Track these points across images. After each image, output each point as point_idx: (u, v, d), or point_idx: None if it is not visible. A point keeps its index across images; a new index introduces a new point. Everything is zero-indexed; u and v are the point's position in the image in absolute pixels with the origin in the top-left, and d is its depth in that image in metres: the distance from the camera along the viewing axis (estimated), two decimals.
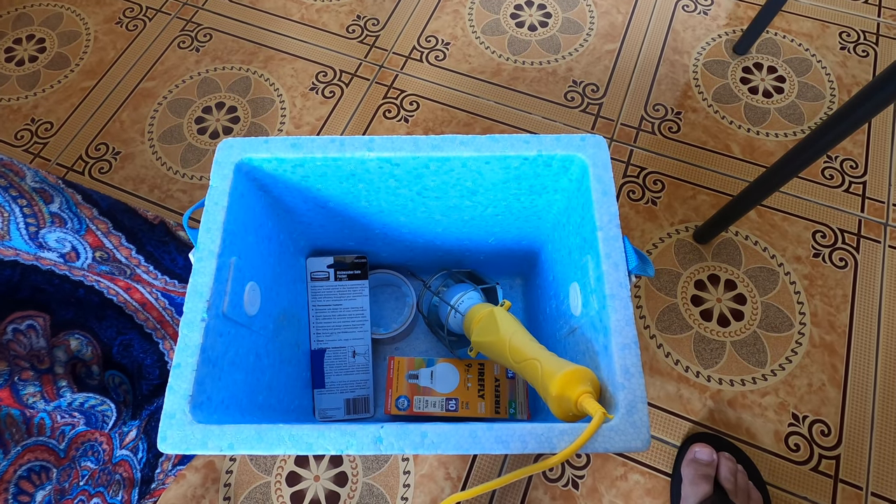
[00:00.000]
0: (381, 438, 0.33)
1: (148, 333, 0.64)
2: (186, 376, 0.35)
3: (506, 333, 0.45)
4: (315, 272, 0.61)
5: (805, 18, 0.89)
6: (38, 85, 0.89)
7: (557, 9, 0.93)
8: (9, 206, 0.38)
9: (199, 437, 0.33)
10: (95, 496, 0.62)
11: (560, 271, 0.50)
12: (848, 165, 0.77)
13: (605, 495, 0.61)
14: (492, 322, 0.47)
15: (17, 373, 0.46)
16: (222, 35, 0.92)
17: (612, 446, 0.33)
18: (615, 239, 0.39)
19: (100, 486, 0.62)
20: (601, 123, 0.82)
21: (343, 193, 0.48)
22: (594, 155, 0.41)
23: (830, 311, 0.69)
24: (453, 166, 0.43)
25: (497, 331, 0.46)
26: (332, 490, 0.62)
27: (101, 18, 0.95)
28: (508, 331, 0.45)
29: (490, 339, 0.47)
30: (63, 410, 0.55)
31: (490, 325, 0.47)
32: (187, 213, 0.41)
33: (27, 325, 0.50)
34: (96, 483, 0.62)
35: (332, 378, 0.62)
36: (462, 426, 0.34)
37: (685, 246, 0.73)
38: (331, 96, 0.86)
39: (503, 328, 0.46)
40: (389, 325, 0.66)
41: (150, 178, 0.80)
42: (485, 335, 0.48)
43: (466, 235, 0.57)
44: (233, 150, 0.42)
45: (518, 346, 0.42)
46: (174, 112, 0.86)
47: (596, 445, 0.33)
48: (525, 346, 0.42)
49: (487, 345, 0.47)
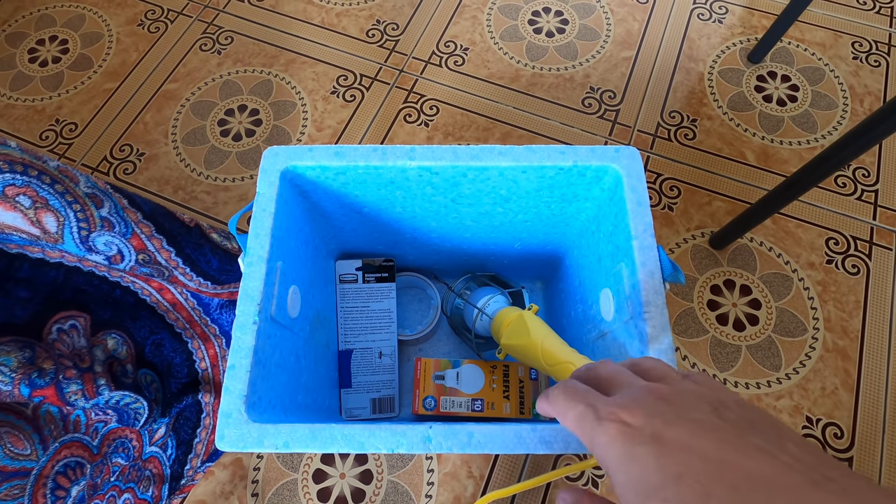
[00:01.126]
0: (430, 438, 0.35)
1: (178, 333, 0.65)
2: (241, 377, 0.36)
3: (537, 337, 0.46)
4: (344, 274, 0.62)
5: (818, 28, 0.91)
6: (61, 86, 0.90)
7: (574, 16, 0.94)
8: (64, 210, 0.40)
9: (256, 435, 0.35)
10: (126, 492, 0.63)
11: (587, 277, 0.52)
12: (860, 174, 0.79)
13: None
14: (522, 326, 0.49)
15: (62, 371, 0.48)
16: (244, 38, 0.93)
17: None
18: (650, 248, 0.40)
19: (130, 482, 0.64)
20: (618, 130, 0.84)
21: (379, 199, 0.49)
22: (628, 166, 0.43)
23: (843, 317, 0.70)
24: (490, 175, 0.45)
25: (528, 334, 0.47)
26: (358, 487, 0.64)
27: (123, 20, 0.96)
28: (539, 334, 0.46)
29: (521, 343, 0.48)
30: (99, 408, 0.57)
31: (520, 329, 0.49)
32: (234, 218, 0.42)
33: (70, 324, 0.51)
34: (127, 479, 0.64)
35: (359, 378, 0.63)
36: (507, 427, 0.35)
37: (701, 251, 0.75)
38: (352, 100, 0.87)
39: (534, 332, 0.47)
40: (415, 327, 0.67)
41: (174, 180, 0.82)
42: (515, 338, 0.49)
43: (493, 240, 0.58)
44: (278, 158, 0.43)
45: (550, 350, 0.44)
46: (197, 114, 0.87)
47: None
48: (558, 350, 0.43)
49: (518, 348, 0.48)
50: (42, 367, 0.46)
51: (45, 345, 0.48)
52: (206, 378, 0.69)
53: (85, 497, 0.61)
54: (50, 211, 0.39)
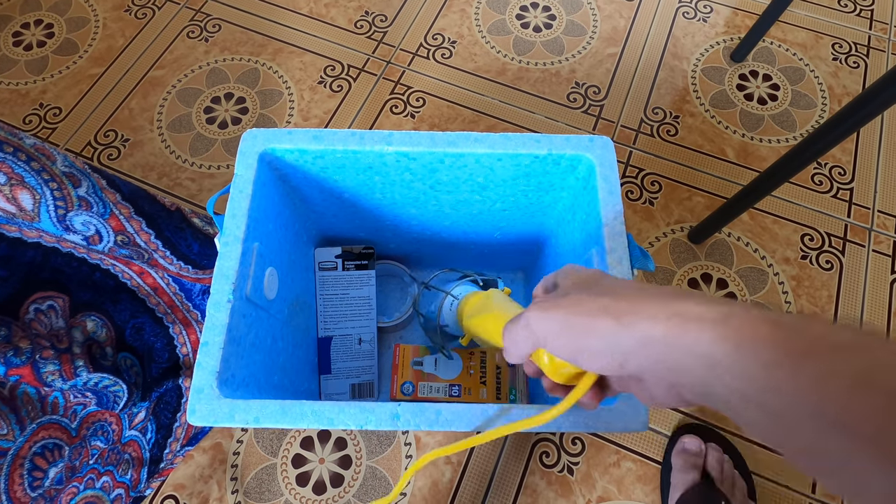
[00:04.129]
0: (398, 415, 0.36)
1: (159, 318, 0.66)
2: (214, 353, 0.37)
3: (500, 309, 0.42)
4: (323, 262, 0.63)
5: (800, 29, 0.93)
6: (46, 70, 0.89)
7: (562, 11, 0.95)
8: (41, 188, 0.40)
9: (227, 410, 0.35)
10: (105, 474, 0.64)
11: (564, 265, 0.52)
12: (836, 172, 0.81)
13: (598, 481, 0.64)
14: (487, 301, 0.45)
15: (39, 351, 0.48)
16: (231, 26, 0.93)
17: (614, 426, 0.36)
18: (620, 235, 0.41)
19: (109, 465, 0.64)
20: (602, 125, 0.85)
21: (359, 185, 0.50)
22: (601, 155, 0.44)
23: (816, 311, 0.72)
24: (467, 162, 0.45)
25: (490, 307, 0.43)
26: (337, 472, 0.64)
27: (110, 6, 0.95)
28: (503, 307, 0.42)
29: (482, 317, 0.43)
30: (77, 390, 0.57)
31: (485, 304, 0.45)
32: (211, 199, 0.43)
33: (48, 305, 0.52)
34: (106, 462, 0.64)
35: (339, 364, 0.64)
36: (475, 406, 0.36)
37: (680, 245, 0.76)
38: (338, 90, 0.88)
39: (497, 304, 0.43)
40: (392, 314, 0.68)
41: (158, 166, 0.82)
42: (478, 313, 0.45)
43: (473, 229, 0.59)
44: (257, 140, 0.44)
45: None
46: (183, 101, 0.87)
47: (599, 424, 0.36)
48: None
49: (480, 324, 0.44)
50: (18, 346, 0.46)
51: (21, 324, 0.48)
52: (187, 363, 0.69)
53: (63, 479, 0.61)
54: (26, 188, 0.39)
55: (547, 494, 0.63)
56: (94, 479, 0.63)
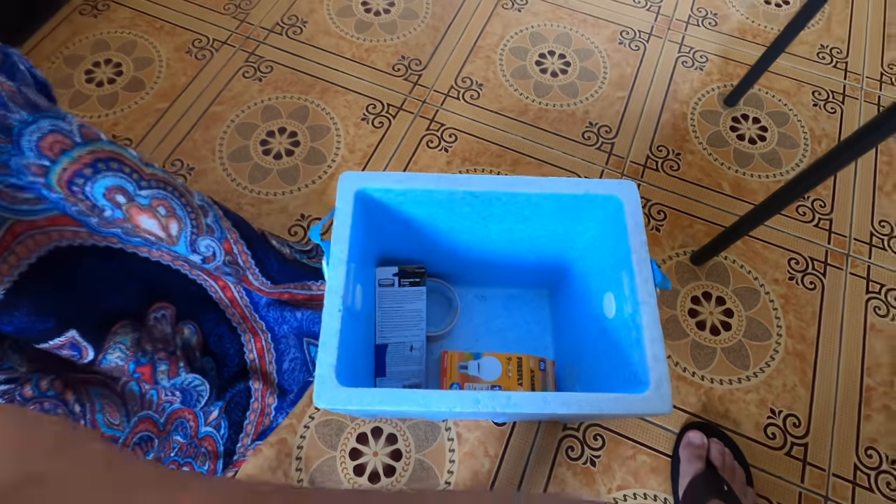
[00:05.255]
0: (478, 400, 0.45)
1: (234, 327, 0.75)
2: (332, 351, 0.47)
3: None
4: (382, 279, 0.73)
5: (784, 78, 1.06)
6: (116, 104, 0.99)
7: (576, 59, 1.07)
8: (185, 219, 0.49)
9: (345, 396, 0.45)
10: (185, 466, 0.72)
11: (592, 283, 0.63)
12: (818, 205, 0.93)
13: (617, 472, 0.73)
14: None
15: (157, 353, 0.57)
16: (282, 67, 1.04)
17: (645, 411, 0.46)
18: (645, 261, 0.52)
19: (188, 458, 0.72)
20: (613, 160, 0.96)
21: (426, 216, 0.60)
22: (628, 196, 0.55)
23: (802, 326, 0.83)
24: (519, 199, 0.56)
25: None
26: (389, 464, 0.73)
27: (172, 47, 1.06)
28: None
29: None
30: (174, 388, 0.66)
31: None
32: (316, 229, 0.53)
33: (161, 314, 0.61)
34: (185, 455, 0.73)
35: (392, 368, 0.74)
36: (536, 394, 0.46)
37: (683, 267, 0.87)
38: (380, 126, 0.99)
39: None
40: (438, 325, 0.78)
41: (221, 193, 0.92)
42: None
43: (511, 252, 0.70)
44: (352, 181, 0.54)
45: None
46: (241, 134, 0.97)
47: (633, 411, 0.46)
48: None
49: None
50: (144, 348, 0.55)
51: (146, 329, 0.57)
52: (253, 368, 0.78)
53: None
54: (176, 219, 0.49)
55: (573, 483, 0.73)
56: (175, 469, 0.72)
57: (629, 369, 0.51)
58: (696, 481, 0.68)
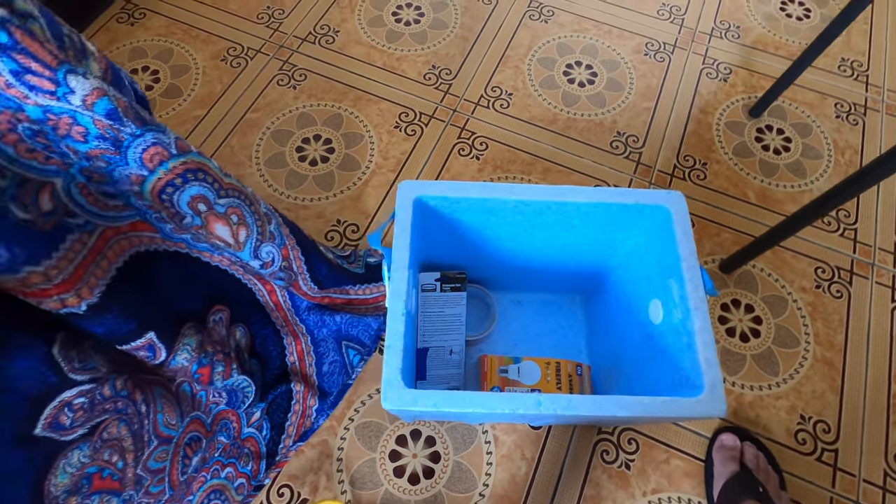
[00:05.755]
0: (540, 402, 0.47)
1: (278, 330, 0.77)
2: (397, 354, 0.48)
3: None
4: (425, 284, 0.75)
5: (807, 90, 1.08)
6: (154, 111, 1.01)
7: (603, 70, 1.10)
8: (253, 226, 0.51)
9: (411, 398, 0.47)
10: (228, 466, 0.74)
11: (634, 290, 0.65)
12: (842, 214, 0.94)
13: (651, 475, 0.75)
14: None
15: (216, 354, 0.59)
16: (316, 76, 1.07)
17: (701, 414, 0.48)
18: (695, 268, 0.53)
19: (231, 458, 0.74)
20: (641, 169, 0.98)
21: (476, 224, 0.62)
22: (676, 205, 0.57)
23: (830, 333, 0.85)
24: (569, 209, 0.58)
25: None
26: (428, 466, 0.75)
27: (208, 55, 1.09)
28: None
29: None
30: (218, 390, 0.67)
31: None
32: (376, 234, 0.55)
33: (219, 317, 0.63)
34: (228, 455, 0.74)
35: (433, 371, 0.75)
36: (588, 397, 0.48)
37: (712, 275, 0.89)
38: (412, 134, 1.01)
39: None
40: (477, 330, 0.79)
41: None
42: None
43: (554, 259, 0.71)
44: (411, 189, 0.56)
45: None
46: (277, 141, 0.99)
47: (688, 414, 0.47)
48: None
49: None
50: (206, 350, 0.57)
51: (206, 331, 0.59)
52: (293, 370, 0.80)
53: (198, 468, 0.71)
54: (245, 226, 0.50)
55: (609, 486, 0.74)
56: (219, 470, 0.73)
57: (680, 374, 0.52)
58: (731, 482, 0.69)
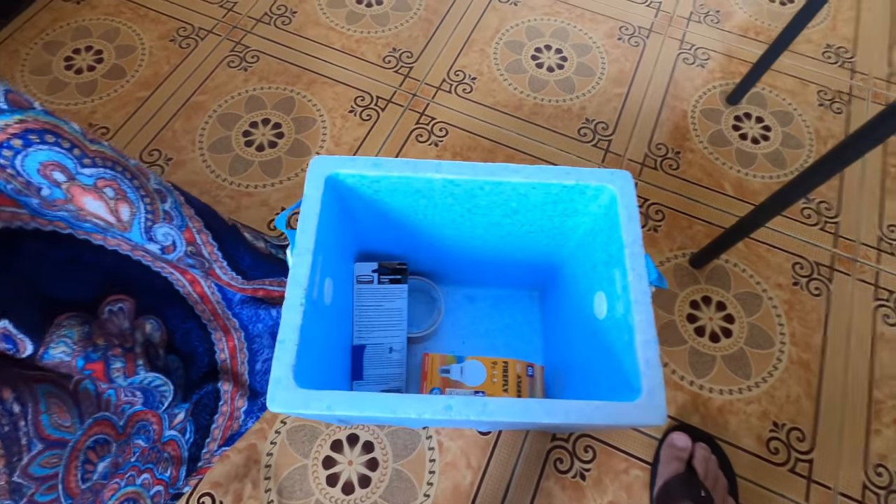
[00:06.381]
0: (451, 406, 0.41)
1: (204, 324, 0.71)
2: (290, 349, 0.42)
3: None
4: (361, 275, 0.69)
5: (788, 76, 1.02)
6: (95, 92, 0.96)
7: (573, 54, 1.04)
8: (138, 203, 0.45)
9: (302, 399, 0.41)
10: (145, 472, 0.68)
11: (583, 282, 0.59)
12: (823, 207, 0.88)
13: (609, 486, 0.69)
14: None
15: (110, 349, 0.53)
16: (269, 58, 1.01)
17: (636, 422, 0.41)
18: (639, 255, 0.47)
19: (149, 463, 0.68)
20: (610, 158, 0.92)
21: (405, 207, 0.56)
22: (622, 186, 0.50)
23: (807, 333, 0.78)
24: (504, 189, 0.52)
25: None
26: (364, 474, 0.69)
27: (156, 35, 1.03)
28: None
29: None
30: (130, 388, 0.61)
31: None
32: (282, 216, 0.49)
33: (118, 307, 0.56)
34: (146, 460, 0.68)
35: (370, 371, 0.69)
36: (516, 400, 0.42)
37: (682, 270, 0.83)
38: (368, 119, 0.95)
39: None
40: (420, 326, 0.73)
41: (199, 184, 0.88)
42: None
43: (500, 249, 0.65)
44: (323, 165, 0.50)
45: None
46: (223, 125, 0.93)
47: (623, 421, 0.41)
48: None
49: None
50: (96, 343, 0.51)
51: (98, 323, 0.53)
52: (224, 368, 0.74)
53: (108, 474, 0.65)
54: (127, 202, 0.45)
55: (561, 497, 0.68)
56: (135, 476, 0.67)
57: (620, 375, 0.46)
58: (672, 482, 0.63)
